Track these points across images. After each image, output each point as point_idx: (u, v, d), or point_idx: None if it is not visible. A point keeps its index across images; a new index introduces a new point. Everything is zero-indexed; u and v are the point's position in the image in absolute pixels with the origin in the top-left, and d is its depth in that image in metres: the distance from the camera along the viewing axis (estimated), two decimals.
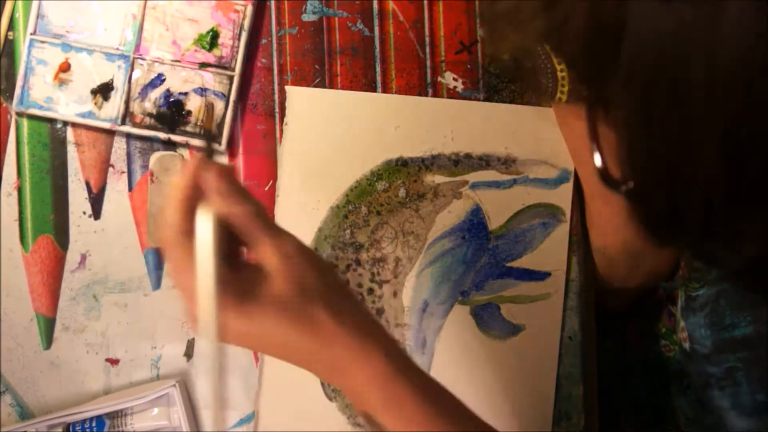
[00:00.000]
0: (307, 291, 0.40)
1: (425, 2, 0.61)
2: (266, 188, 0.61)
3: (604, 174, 0.34)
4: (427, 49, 0.61)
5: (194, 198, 0.39)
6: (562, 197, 0.60)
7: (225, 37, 0.60)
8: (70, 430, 0.58)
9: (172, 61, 0.60)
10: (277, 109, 0.61)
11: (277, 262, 0.39)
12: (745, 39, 0.25)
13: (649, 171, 0.30)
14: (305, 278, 0.40)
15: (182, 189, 0.39)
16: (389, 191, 0.60)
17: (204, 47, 0.60)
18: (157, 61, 0.59)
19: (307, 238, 0.60)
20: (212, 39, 0.60)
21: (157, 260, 0.61)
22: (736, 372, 0.52)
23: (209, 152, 0.42)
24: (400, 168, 0.60)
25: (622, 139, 0.31)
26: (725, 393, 0.53)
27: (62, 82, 0.59)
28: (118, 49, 0.59)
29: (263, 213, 0.41)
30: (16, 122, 0.60)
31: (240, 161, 0.61)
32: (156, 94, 0.60)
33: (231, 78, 0.60)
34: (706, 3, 0.26)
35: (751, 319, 0.50)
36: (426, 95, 0.61)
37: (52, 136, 0.61)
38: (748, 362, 0.51)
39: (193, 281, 0.37)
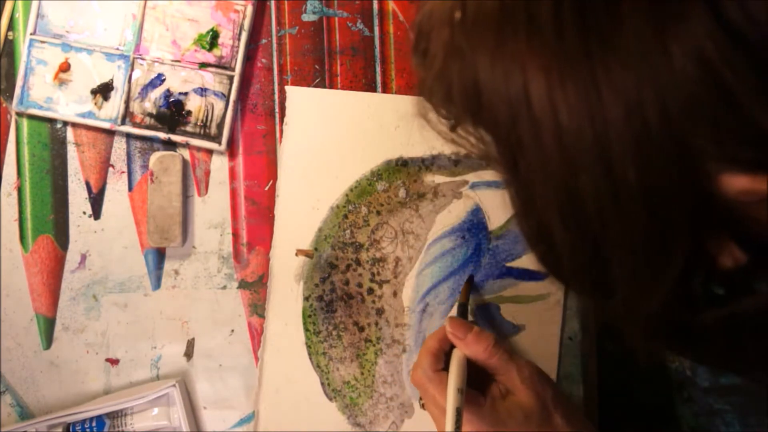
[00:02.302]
0: (545, 402, 0.50)
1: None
2: (266, 188, 0.61)
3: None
4: None
5: (443, 348, 0.52)
6: None
7: (225, 37, 0.60)
8: (70, 430, 0.59)
9: (172, 61, 0.60)
10: (277, 109, 0.61)
11: (519, 382, 0.50)
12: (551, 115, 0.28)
13: (522, 221, 0.34)
14: (544, 392, 0.50)
15: (437, 341, 0.53)
16: (389, 191, 0.60)
17: (204, 47, 0.60)
18: (157, 61, 0.59)
19: (307, 238, 0.60)
20: (212, 39, 0.60)
21: (157, 260, 0.61)
22: (726, 413, 0.54)
23: (464, 309, 0.57)
24: (400, 168, 0.60)
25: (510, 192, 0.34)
26: (730, 428, 0.54)
27: (62, 82, 0.59)
28: (118, 49, 0.59)
29: (498, 344, 0.52)
30: (16, 122, 0.60)
31: (240, 161, 0.61)
32: (156, 94, 0.60)
33: (231, 78, 0.60)
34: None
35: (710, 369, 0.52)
36: None
37: (52, 136, 0.61)
38: (740, 407, 0.53)
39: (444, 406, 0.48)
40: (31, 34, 0.59)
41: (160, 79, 0.60)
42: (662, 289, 0.30)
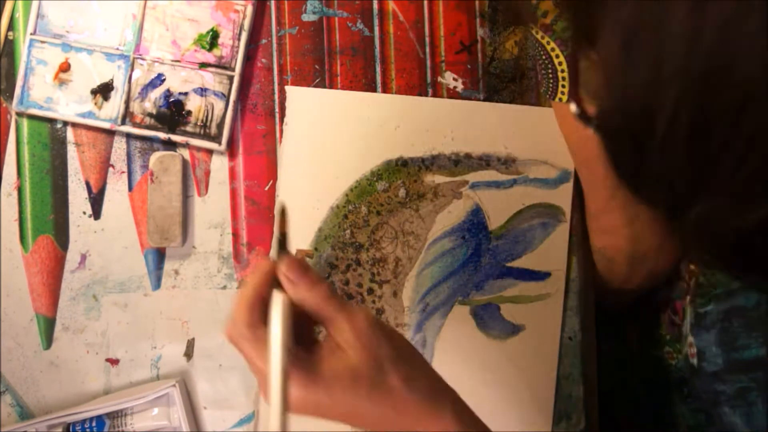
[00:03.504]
0: (380, 361, 0.43)
1: (425, 2, 0.61)
2: (266, 188, 0.61)
3: (580, 114, 0.34)
4: (427, 49, 0.61)
5: (261, 295, 0.43)
6: (562, 197, 0.60)
7: (225, 37, 0.60)
8: (70, 430, 0.59)
9: (172, 61, 0.60)
10: (277, 109, 0.61)
11: (350, 336, 0.42)
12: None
13: (622, 106, 0.30)
14: (378, 349, 0.43)
15: (252, 287, 0.43)
16: (389, 191, 0.60)
17: (204, 47, 0.60)
18: (157, 61, 0.59)
19: (307, 238, 0.60)
20: (212, 39, 0.60)
21: (157, 260, 0.61)
22: (749, 392, 0.51)
23: (282, 245, 0.46)
24: (400, 168, 0.60)
25: (602, 72, 0.31)
26: (737, 412, 0.53)
27: (62, 82, 0.59)
28: (118, 49, 0.59)
29: (334, 292, 0.44)
30: (16, 122, 0.60)
31: (240, 161, 0.61)
32: (156, 94, 0.60)
33: (231, 78, 0.60)
34: None
35: (762, 341, 0.50)
36: (426, 95, 0.61)
37: (52, 136, 0.61)
38: (762, 383, 0.51)
39: (265, 368, 0.40)
40: (31, 34, 0.59)
41: (160, 79, 0.60)
42: (758, 213, 0.28)
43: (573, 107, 0.35)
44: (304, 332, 0.44)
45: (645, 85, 0.29)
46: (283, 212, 0.46)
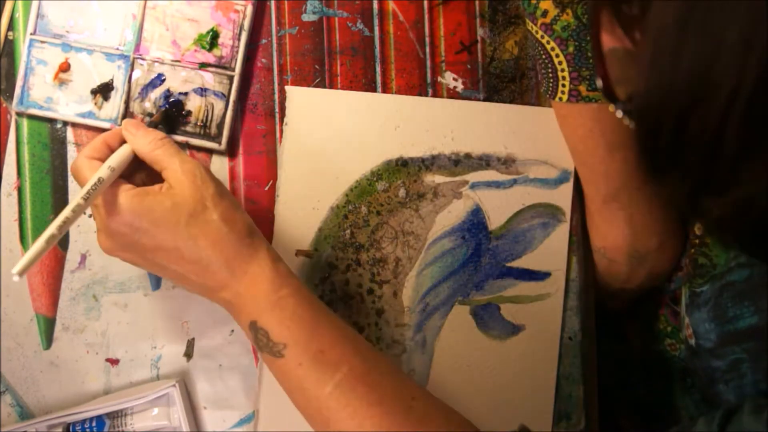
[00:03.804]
0: (203, 198, 0.47)
1: (425, 2, 0.61)
2: (266, 188, 0.61)
3: (606, 87, 0.33)
4: (427, 49, 0.61)
5: (107, 143, 0.50)
6: (562, 197, 0.60)
7: (225, 37, 0.60)
8: (70, 430, 0.59)
9: (172, 61, 0.60)
10: (277, 109, 0.61)
11: (180, 175, 0.48)
12: None
13: (670, 85, 0.29)
14: (203, 187, 0.48)
15: (101, 139, 0.50)
16: (389, 191, 0.60)
17: (204, 47, 0.60)
18: (157, 61, 0.59)
19: (307, 238, 0.60)
20: (212, 39, 0.60)
21: None
22: (741, 364, 0.51)
23: (153, 124, 0.55)
24: (400, 168, 0.60)
25: (644, 46, 0.30)
26: (730, 387, 0.53)
27: (62, 82, 0.59)
28: (118, 49, 0.59)
29: (168, 142, 0.50)
30: (16, 122, 0.60)
31: (240, 161, 0.61)
32: (156, 94, 0.60)
33: (231, 78, 0.60)
34: None
35: (753, 309, 0.50)
36: (426, 95, 0.61)
37: (52, 136, 0.61)
38: (753, 352, 0.51)
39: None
40: (31, 34, 0.59)
41: (160, 79, 0.60)
42: None
43: (599, 82, 0.34)
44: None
45: (702, 61, 0.28)
46: (160, 112, 0.58)
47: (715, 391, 0.54)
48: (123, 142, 0.51)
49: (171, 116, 0.59)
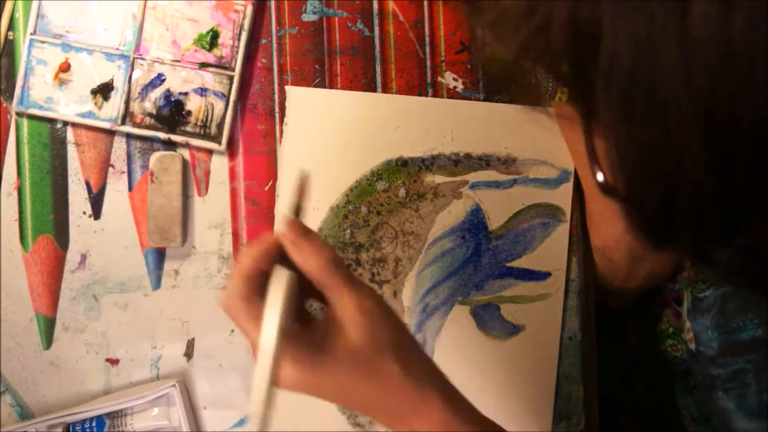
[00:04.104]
0: (381, 344, 0.41)
1: (425, 2, 0.61)
2: (266, 188, 0.61)
3: (605, 187, 0.33)
4: (427, 49, 0.61)
5: (259, 267, 0.41)
6: (562, 197, 0.60)
7: (225, 37, 0.60)
8: (70, 430, 0.58)
9: (172, 61, 0.60)
10: (277, 109, 0.61)
11: (353, 314, 0.41)
12: (713, 34, 0.25)
13: (638, 173, 0.30)
14: (380, 332, 0.41)
15: (251, 258, 0.41)
16: (389, 191, 0.60)
17: (204, 47, 0.60)
18: (157, 61, 0.59)
19: None
20: (212, 39, 0.60)
21: (157, 260, 0.61)
22: (745, 374, 0.51)
23: (296, 214, 0.44)
24: (400, 168, 0.60)
25: (610, 145, 0.31)
26: (730, 395, 0.53)
27: (62, 82, 0.59)
28: (118, 49, 0.59)
29: (341, 262, 0.42)
30: (16, 122, 0.60)
31: (240, 161, 0.61)
32: (156, 94, 0.60)
33: (231, 78, 0.60)
34: (673, 2, 0.26)
35: (758, 322, 0.50)
36: (426, 95, 0.61)
37: (52, 136, 0.61)
38: (757, 364, 0.51)
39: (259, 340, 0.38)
40: (31, 34, 0.59)
41: (160, 79, 0.60)
42: None
43: (600, 176, 0.34)
44: (300, 305, 0.43)
45: (657, 146, 0.28)
46: (304, 181, 0.44)
47: (713, 397, 0.54)
48: (273, 253, 0.42)
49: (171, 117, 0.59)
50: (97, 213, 0.61)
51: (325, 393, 0.42)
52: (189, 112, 0.60)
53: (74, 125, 0.60)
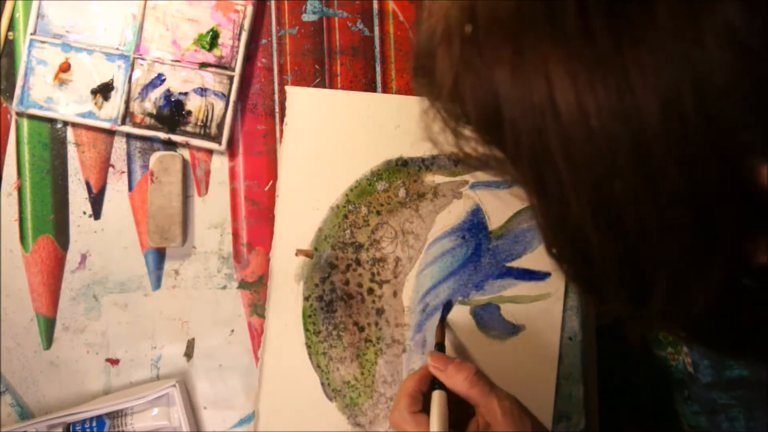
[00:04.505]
0: None
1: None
2: (266, 188, 0.61)
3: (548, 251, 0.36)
4: None
5: (420, 388, 0.52)
6: None
7: (225, 37, 0.60)
8: (70, 430, 0.59)
9: (172, 61, 0.60)
10: (277, 109, 0.61)
11: (500, 414, 0.49)
12: (573, 113, 0.27)
13: (554, 239, 0.32)
14: (522, 425, 0.49)
15: (414, 381, 0.52)
16: (389, 191, 0.60)
17: (204, 47, 0.60)
18: (157, 61, 0.59)
19: (307, 238, 0.60)
20: (212, 39, 0.60)
21: (157, 260, 0.61)
22: (731, 408, 0.53)
23: (441, 348, 0.57)
24: (400, 168, 0.60)
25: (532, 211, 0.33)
26: (725, 422, 0.53)
27: (62, 82, 0.59)
28: (118, 49, 0.59)
29: (481, 375, 0.51)
30: (16, 122, 0.60)
31: (240, 161, 0.61)
32: (156, 94, 0.60)
33: (231, 78, 0.60)
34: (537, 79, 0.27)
35: (744, 363, 0.51)
36: None
37: (52, 136, 0.61)
38: (744, 401, 0.52)
39: None
40: (31, 34, 0.59)
41: (160, 79, 0.60)
42: (709, 290, 0.29)
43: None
44: (457, 417, 0.52)
45: (558, 214, 0.30)
46: (441, 325, 0.58)
47: (714, 418, 0.55)
48: (431, 376, 0.53)
49: (170, 116, 0.59)
50: (97, 213, 0.61)
51: None
52: (189, 112, 0.60)
53: (74, 125, 0.60)
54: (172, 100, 0.59)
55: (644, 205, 0.27)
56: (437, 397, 0.51)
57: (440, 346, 0.57)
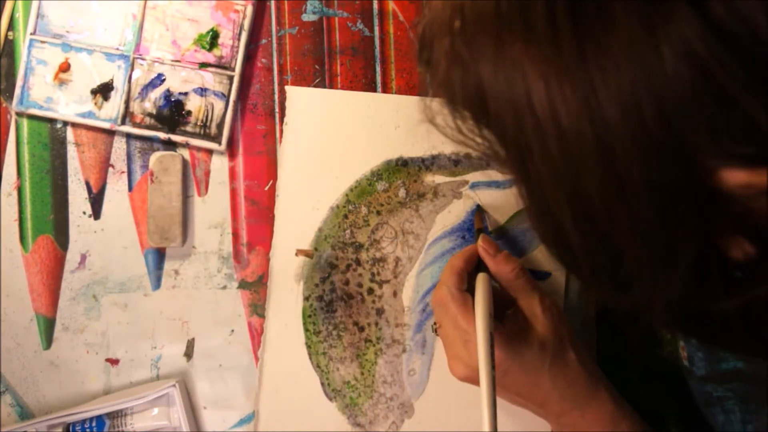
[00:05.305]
0: (561, 336, 0.51)
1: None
2: (266, 188, 0.61)
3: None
4: None
5: (467, 268, 0.53)
6: None
7: (225, 37, 0.60)
8: (70, 430, 0.59)
9: (172, 61, 0.60)
10: (277, 109, 0.61)
11: (540, 310, 0.51)
12: (544, 109, 0.28)
13: (537, 225, 0.34)
14: (560, 326, 0.51)
15: (461, 260, 0.53)
16: (389, 191, 0.61)
17: (204, 47, 0.60)
18: (157, 61, 0.59)
19: (307, 238, 0.60)
20: (212, 39, 0.60)
21: (157, 260, 0.61)
22: (727, 401, 0.53)
23: (479, 232, 0.56)
24: (400, 168, 0.60)
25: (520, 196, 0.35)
26: (719, 415, 0.54)
27: (62, 82, 0.59)
28: (118, 49, 0.59)
29: (524, 271, 0.52)
30: (16, 122, 0.60)
31: (240, 161, 0.61)
32: (156, 94, 0.60)
33: (231, 78, 0.60)
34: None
35: (739, 354, 0.52)
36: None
37: (52, 136, 0.61)
38: (740, 393, 0.52)
39: (469, 328, 0.49)
40: (31, 34, 0.59)
41: (160, 79, 0.60)
42: (678, 279, 0.31)
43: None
44: (496, 308, 0.51)
45: (542, 203, 0.32)
46: (479, 210, 0.59)
47: (709, 411, 0.55)
48: (476, 259, 0.53)
49: (170, 116, 0.59)
50: (97, 213, 0.61)
51: (513, 382, 0.50)
52: (189, 112, 0.60)
53: (74, 125, 0.60)
54: (172, 100, 0.59)
55: (612, 201, 0.29)
56: (483, 279, 0.51)
57: (483, 231, 0.57)
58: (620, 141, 0.27)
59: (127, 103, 0.59)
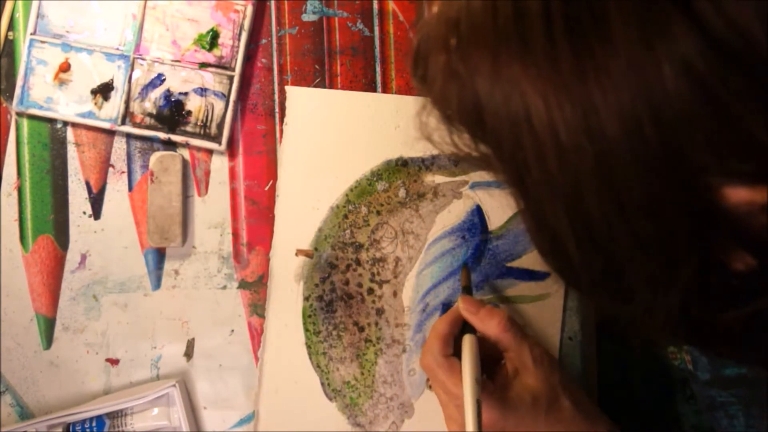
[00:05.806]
0: (554, 384, 0.50)
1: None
2: (266, 188, 0.61)
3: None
4: None
5: (452, 332, 0.53)
6: None
7: (225, 37, 0.60)
8: (70, 430, 0.59)
9: (172, 61, 0.60)
10: (277, 109, 0.61)
11: (530, 361, 0.51)
12: (543, 125, 0.28)
13: (535, 237, 0.34)
14: (552, 375, 0.51)
15: (445, 324, 0.53)
16: (389, 191, 0.60)
17: (204, 47, 0.60)
18: (157, 61, 0.59)
19: (307, 238, 0.60)
20: (212, 39, 0.60)
21: (157, 260, 0.61)
22: (730, 406, 0.53)
23: (465, 291, 0.56)
24: (400, 168, 0.60)
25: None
26: (724, 419, 0.54)
27: (62, 82, 0.59)
28: (118, 49, 0.59)
29: (513, 322, 0.52)
30: (16, 122, 0.60)
31: (240, 161, 0.61)
32: (156, 94, 0.60)
33: (231, 78, 0.60)
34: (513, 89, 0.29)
35: (737, 363, 0.52)
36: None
37: (52, 136, 0.61)
38: (743, 398, 0.52)
39: (458, 392, 0.49)
40: (31, 34, 0.59)
41: (160, 79, 0.60)
42: (678, 291, 0.31)
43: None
44: (485, 362, 0.51)
45: (539, 213, 0.32)
46: (466, 267, 0.59)
47: (713, 415, 0.55)
48: (462, 320, 0.53)
49: (170, 116, 0.59)
50: (97, 213, 0.61)
51: (512, 428, 0.49)
52: (189, 112, 0.60)
53: (74, 125, 0.60)
54: (172, 100, 0.59)
55: (612, 217, 0.29)
56: (468, 341, 0.51)
57: (467, 290, 0.56)
58: (620, 158, 0.27)
59: (127, 103, 0.59)
